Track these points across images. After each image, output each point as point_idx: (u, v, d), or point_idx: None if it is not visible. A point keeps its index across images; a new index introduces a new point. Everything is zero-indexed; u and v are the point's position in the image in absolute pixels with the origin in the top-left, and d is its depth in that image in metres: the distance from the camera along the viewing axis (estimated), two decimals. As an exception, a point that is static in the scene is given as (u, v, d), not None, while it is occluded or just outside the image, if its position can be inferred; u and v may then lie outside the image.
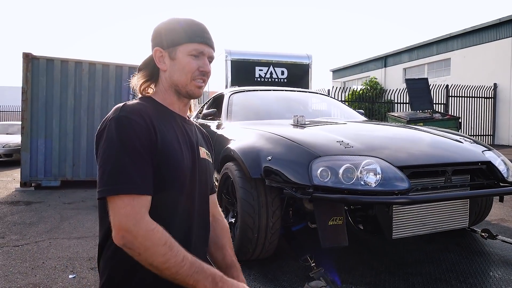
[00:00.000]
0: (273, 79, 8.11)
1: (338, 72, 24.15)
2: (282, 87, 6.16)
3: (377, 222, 2.29)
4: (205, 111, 3.97)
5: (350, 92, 14.58)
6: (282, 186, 2.21)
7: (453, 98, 12.92)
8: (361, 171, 2.06)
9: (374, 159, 2.12)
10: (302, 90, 4.79)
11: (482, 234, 2.91)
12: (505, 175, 2.39)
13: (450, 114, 10.87)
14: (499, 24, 13.29)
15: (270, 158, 2.30)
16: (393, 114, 8.96)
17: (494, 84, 13.36)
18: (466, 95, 13.09)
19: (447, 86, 12.73)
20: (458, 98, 12.97)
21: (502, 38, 13.22)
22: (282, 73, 8.16)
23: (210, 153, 1.27)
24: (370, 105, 13.43)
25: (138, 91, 1.15)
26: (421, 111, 8.97)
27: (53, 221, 3.82)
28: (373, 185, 2.04)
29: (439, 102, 12.66)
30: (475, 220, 3.00)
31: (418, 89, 9.28)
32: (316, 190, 2.05)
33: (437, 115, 8.54)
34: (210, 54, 1.12)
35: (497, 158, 2.50)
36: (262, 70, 8.06)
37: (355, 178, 2.06)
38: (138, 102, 1.07)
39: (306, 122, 3.01)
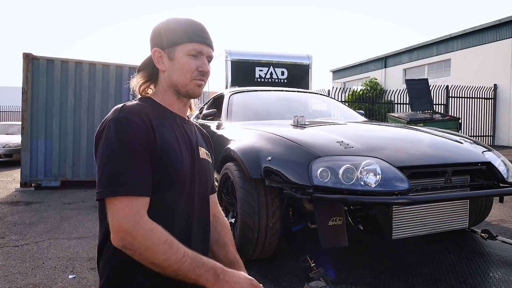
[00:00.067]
0: (273, 80, 8.12)
1: (338, 72, 24.16)
2: (282, 88, 6.16)
3: (377, 222, 2.29)
4: (205, 112, 3.98)
5: (350, 92, 14.58)
6: (282, 187, 2.21)
7: (453, 98, 12.92)
8: (361, 172, 2.07)
9: (374, 160, 2.12)
10: (302, 90, 4.79)
11: (482, 234, 2.91)
12: (505, 176, 2.39)
13: (450, 114, 10.87)
14: (499, 25, 13.29)
15: (270, 158, 2.30)
16: (393, 114, 8.96)
17: (494, 85, 13.36)
18: (466, 96, 13.09)
19: (447, 86, 12.75)
20: (458, 98, 12.98)
21: (502, 39, 13.23)
22: (282, 73, 8.17)
23: (209, 153, 1.26)
24: (370, 105, 13.45)
25: (138, 92, 1.15)
26: (421, 112, 8.98)
27: (53, 221, 3.82)
28: (373, 185, 2.04)
29: (439, 103, 12.67)
30: (475, 220, 3.00)
31: (418, 89, 9.30)
32: (316, 191, 2.05)
33: (437, 116, 8.54)
34: (209, 54, 1.12)
35: (497, 159, 2.50)
36: (262, 70, 8.07)
37: (355, 178, 2.06)
38: (137, 103, 1.07)
39: (306, 123, 3.01)
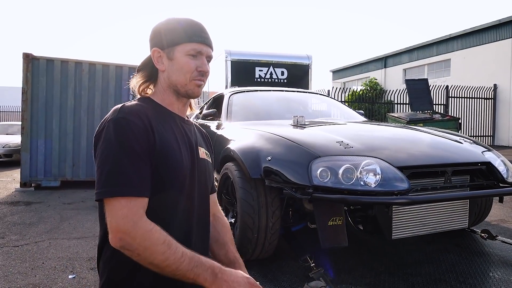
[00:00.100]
0: (273, 80, 8.12)
1: (338, 72, 24.17)
2: (282, 88, 6.17)
3: (376, 222, 2.29)
4: (205, 112, 3.98)
5: (350, 92, 14.59)
6: (281, 186, 2.21)
7: (453, 99, 12.93)
8: (360, 172, 2.06)
9: (373, 160, 2.12)
10: (302, 90, 4.79)
11: (482, 234, 2.91)
12: (504, 176, 2.39)
13: (450, 115, 10.87)
14: (499, 25, 13.29)
15: (270, 158, 2.30)
16: (393, 114, 8.96)
17: (494, 85, 13.37)
18: (466, 96, 13.10)
19: (447, 86, 12.75)
20: (458, 99, 12.98)
21: (502, 39, 13.23)
22: (282, 73, 8.17)
23: (209, 152, 1.26)
24: (370, 105, 13.45)
25: (137, 92, 1.15)
26: (421, 112, 8.98)
27: (53, 221, 3.82)
28: (372, 185, 2.04)
29: (439, 103, 12.67)
30: (475, 220, 3.00)
31: (418, 89, 9.29)
32: (315, 191, 2.05)
33: (437, 116, 8.54)
34: (208, 54, 1.12)
35: (496, 159, 2.50)
36: (262, 70, 8.07)
37: (355, 178, 2.06)
38: (136, 103, 1.07)
39: (306, 123, 3.01)
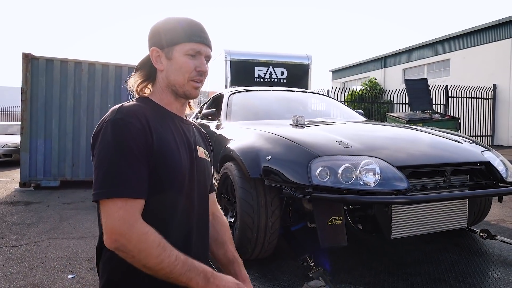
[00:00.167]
0: (272, 80, 8.12)
1: (338, 72, 24.16)
2: (281, 87, 6.17)
3: (376, 222, 2.29)
4: (204, 111, 3.98)
5: (349, 92, 14.59)
6: (281, 186, 2.21)
7: (452, 98, 12.93)
8: (360, 171, 2.07)
9: (373, 159, 2.13)
10: (301, 90, 4.79)
11: (481, 234, 2.91)
12: (504, 176, 2.40)
13: (449, 114, 10.87)
14: (499, 25, 13.30)
15: (269, 158, 2.30)
16: (392, 114, 8.96)
17: (494, 85, 13.37)
18: (465, 96, 13.10)
19: (447, 86, 12.75)
20: (457, 98, 12.98)
21: (502, 39, 13.23)
22: (282, 73, 8.17)
23: (208, 152, 1.26)
24: (370, 105, 13.45)
25: (135, 92, 1.14)
26: (420, 112, 8.97)
27: (52, 221, 3.81)
28: (372, 185, 2.04)
29: (439, 103, 12.68)
30: (474, 220, 3.00)
31: (418, 89, 9.29)
32: (315, 190, 2.06)
33: (436, 116, 8.54)
34: (207, 54, 1.11)
35: (496, 159, 2.51)
36: (261, 70, 8.07)
37: (354, 178, 2.06)
38: (134, 103, 1.07)
39: (306, 122, 3.01)
